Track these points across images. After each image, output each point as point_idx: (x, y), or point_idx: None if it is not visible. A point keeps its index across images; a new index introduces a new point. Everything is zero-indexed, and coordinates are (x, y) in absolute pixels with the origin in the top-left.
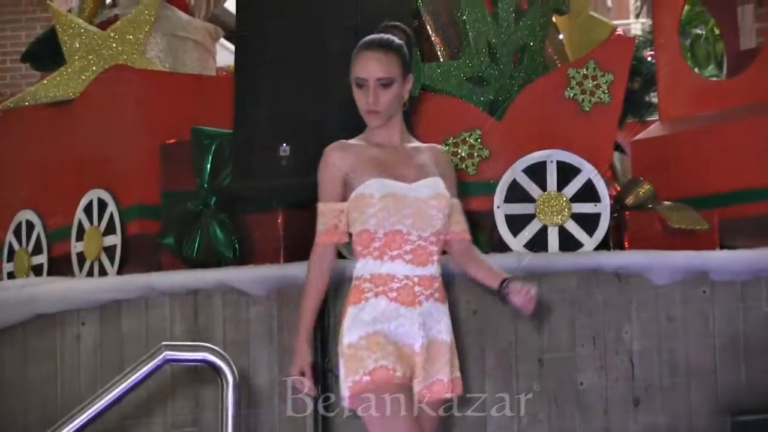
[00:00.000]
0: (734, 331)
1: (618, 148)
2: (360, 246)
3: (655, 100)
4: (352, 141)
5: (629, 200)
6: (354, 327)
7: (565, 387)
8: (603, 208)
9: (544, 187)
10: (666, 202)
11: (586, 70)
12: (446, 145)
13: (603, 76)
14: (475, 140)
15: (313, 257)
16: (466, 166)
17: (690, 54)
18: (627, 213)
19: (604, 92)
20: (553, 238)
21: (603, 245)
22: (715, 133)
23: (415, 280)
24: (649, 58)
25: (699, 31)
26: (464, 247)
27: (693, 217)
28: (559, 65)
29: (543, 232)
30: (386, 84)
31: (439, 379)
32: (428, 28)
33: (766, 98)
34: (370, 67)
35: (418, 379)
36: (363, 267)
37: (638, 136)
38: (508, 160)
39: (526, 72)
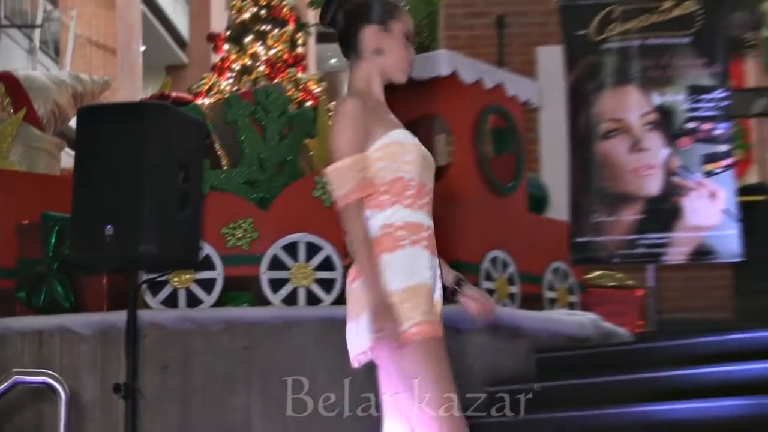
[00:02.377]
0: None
1: None
2: (389, 194)
3: None
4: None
5: None
6: (394, 277)
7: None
8: (338, 275)
9: (296, 259)
10: None
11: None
12: (227, 229)
13: None
14: (248, 225)
15: (351, 216)
16: (242, 244)
17: None
18: None
19: None
20: (302, 296)
21: (338, 301)
22: None
23: (432, 230)
24: None
25: None
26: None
27: None
28: (308, 174)
29: (295, 292)
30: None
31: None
32: (216, 144)
33: (454, 200)
34: (409, 23)
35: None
36: (394, 214)
37: None
38: (271, 239)
39: (286, 178)
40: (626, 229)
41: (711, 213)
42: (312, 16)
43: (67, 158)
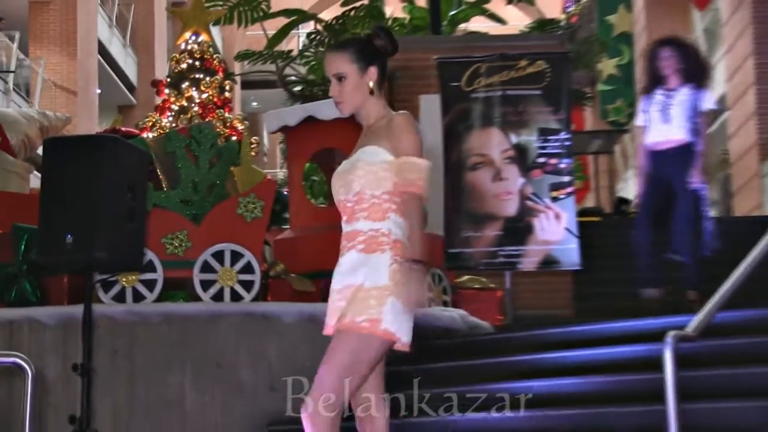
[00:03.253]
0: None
1: (266, 242)
2: None
3: (287, 216)
4: None
5: (272, 273)
6: None
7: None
8: (256, 277)
9: (223, 264)
10: (292, 275)
11: (249, 198)
12: (166, 239)
13: (258, 202)
14: (183, 237)
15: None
16: (178, 251)
17: (309, 190)
18: (270, 280)
19: (259, 211)
20: (227, 294)
21: (256, 298)
22: (319, 236)
23: (343, 234)
24: (285, 192)
25: (315, 178)
26: (404, 199)
27: (306, 283)
28: (234, 195)
29: (221, 291)
30: (340, 78)
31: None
32: (158, 170)
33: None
34: (327, 66)
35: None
36: None
37: (278, 237)
38: (202, 248)
39: (215, 198)
40: (489, 243)
41: (556, 231)
42: (237, 67)
43: (35, 180)
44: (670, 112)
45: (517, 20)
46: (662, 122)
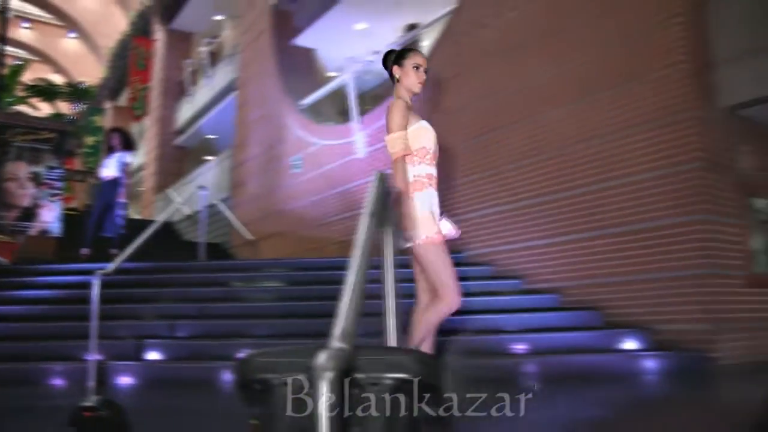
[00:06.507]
0: None
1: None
2: (418, 157)
3: None
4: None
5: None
6: (423, 205)
7: None
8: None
9: None
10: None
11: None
12: None
13: None
14: None
15: (398, 165)
16: None
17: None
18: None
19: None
20: None
21: None
22: None
23: (435, 177)
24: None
25: None
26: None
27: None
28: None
29: None
30: (426, 72)
31: (450, 229)
32: None
33: None
34: (423, 59)
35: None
36: (421, 169)
37: None
38: None
39: None
40: (14, 219)
41: (51, 216)
42: None
43: None
44: (111, 162)
45: (51, 109)
46: (106, 167)
